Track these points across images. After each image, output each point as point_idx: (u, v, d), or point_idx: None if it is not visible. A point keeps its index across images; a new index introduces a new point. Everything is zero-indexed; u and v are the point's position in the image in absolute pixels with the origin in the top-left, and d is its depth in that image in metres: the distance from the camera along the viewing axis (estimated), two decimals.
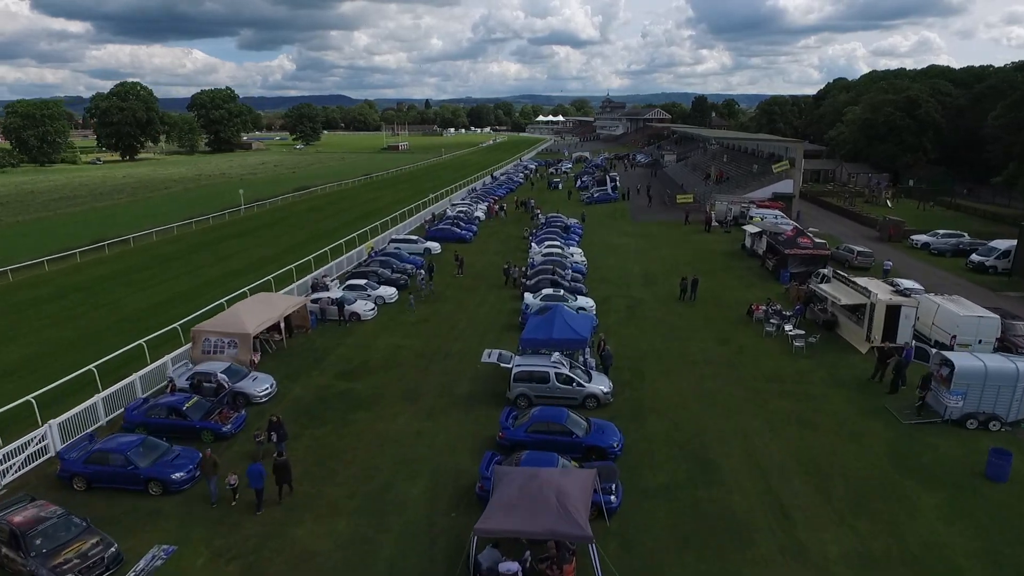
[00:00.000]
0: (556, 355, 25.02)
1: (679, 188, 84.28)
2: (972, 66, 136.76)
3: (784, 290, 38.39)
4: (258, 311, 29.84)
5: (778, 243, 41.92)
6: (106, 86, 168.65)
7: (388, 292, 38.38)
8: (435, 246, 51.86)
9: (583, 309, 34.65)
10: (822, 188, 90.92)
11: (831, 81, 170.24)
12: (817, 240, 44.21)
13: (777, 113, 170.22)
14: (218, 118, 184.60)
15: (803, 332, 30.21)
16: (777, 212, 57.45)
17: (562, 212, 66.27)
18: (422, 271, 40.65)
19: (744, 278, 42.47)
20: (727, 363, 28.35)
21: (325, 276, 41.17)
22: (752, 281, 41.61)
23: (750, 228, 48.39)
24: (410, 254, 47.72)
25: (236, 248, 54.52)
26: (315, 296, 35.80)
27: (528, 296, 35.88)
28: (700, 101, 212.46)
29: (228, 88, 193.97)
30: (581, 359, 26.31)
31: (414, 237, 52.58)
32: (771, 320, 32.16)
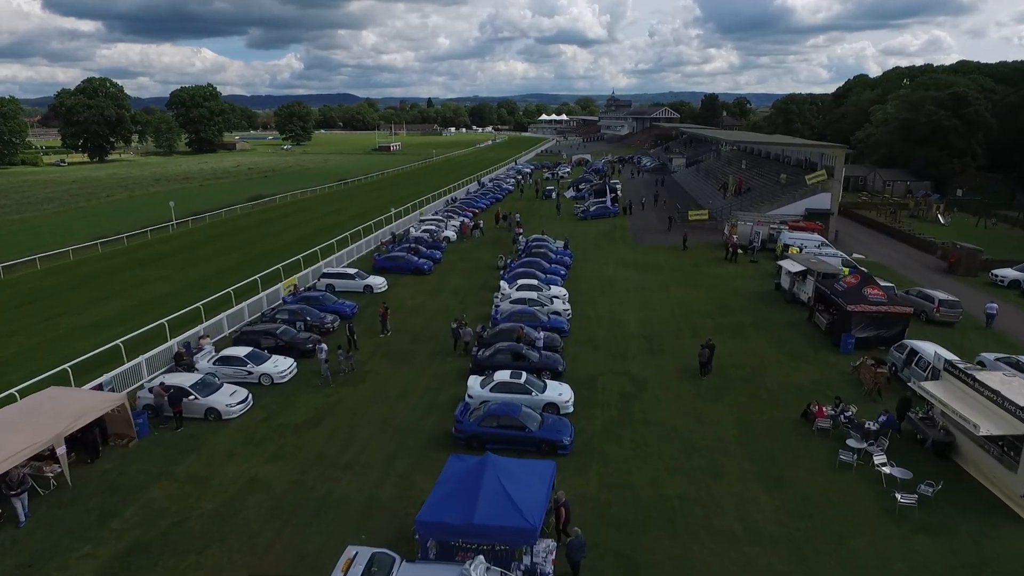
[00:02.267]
0: (477, 563, 13.28)
1: (691, 201, 72.32)
2: (1006, 61, 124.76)
3: (851, 368, 26.45)
4: (18, 429, 18.31)
5: (835, 294, 29.97)
6: (116, 84, 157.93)
7: (279, 368, 26.69)
8: (379, 282, 40.18)
9: (553, 406, 23.07)
10: (855, 199, 78.58)
11: (852, 78, 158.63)
12: (884, 284, 32.32)
13: (794, 112, 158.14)
14: (198, 117, 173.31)
15: (909, 474, 18.33)
16: (818, 237, 45.44)
17: (551, 232, 54.57)
18: (324, 347, 27.33)
19: (786, 341, 30.52)
20: (787, 540, 16.52)
21: (203, 337, 29.56)
22: (799, 348, 29.65)
23: (788, 264, 36.47)
24: (339, 299, 35.99)
25: (133, 281, 42.97)
26: (154, 383, 24.18)
27: (473, 383, 24.21)
28: (710, 100, 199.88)
29: (209, 85, 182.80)
30: (527, 561, 14.50)
31: (352, 271, 40.74)
32: (848, 440, 20.29)
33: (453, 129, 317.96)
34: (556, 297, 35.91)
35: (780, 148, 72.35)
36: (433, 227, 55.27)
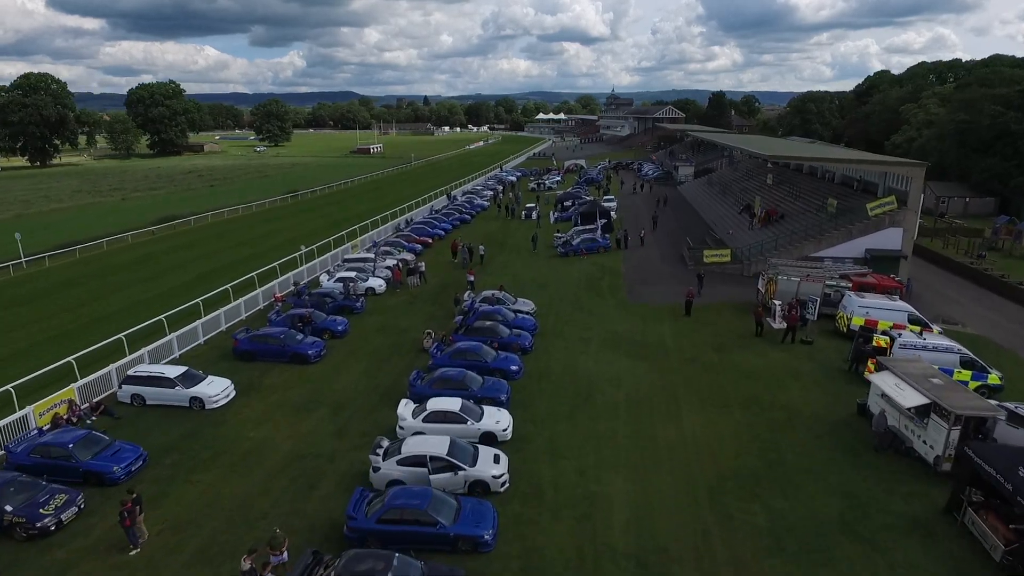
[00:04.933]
0: None
1: (705, 229, 57.11)
2: None
3: None
4: None
5: (1008, 484, 14.75)
6: (119, 82, 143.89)
7: None
8: (216, 391, 24.98)
9: None
10: None
11: (874, 74, 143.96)
12: None
13: (813, 112, 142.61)
14: (157, 116, 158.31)
15: None
16: (904, 305, 30.11)
17: (520, 277, 39.69)
18: None
19: None
20: None
21: None
22: None
23: (891, 387, 21.12)
24: (113, 444, 20.89)
25: None
26: None
27: None
28: (718, 98, 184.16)
29: (172, 82, 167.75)
30: None
31: (173, 372, 25.38)
32: None
33: (447, 128, 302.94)
34: (490, 434, 21.04)
35: (818, 163, 56.85)
36: (353, 274, 40.09)
